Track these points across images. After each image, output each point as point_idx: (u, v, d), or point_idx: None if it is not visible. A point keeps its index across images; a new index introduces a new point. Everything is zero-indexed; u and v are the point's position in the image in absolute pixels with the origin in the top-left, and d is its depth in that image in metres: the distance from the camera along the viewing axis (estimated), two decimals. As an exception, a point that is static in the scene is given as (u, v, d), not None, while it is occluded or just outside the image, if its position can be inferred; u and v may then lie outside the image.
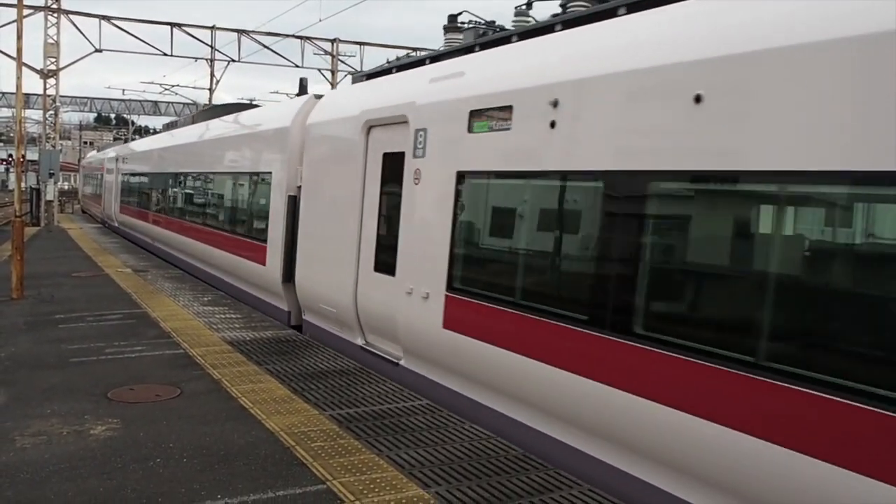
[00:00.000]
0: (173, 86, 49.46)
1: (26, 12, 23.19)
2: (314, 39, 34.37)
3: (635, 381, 4.90)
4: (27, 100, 39.85)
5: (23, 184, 22.41)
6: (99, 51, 30.75)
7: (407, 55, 10.20)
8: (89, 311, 10.83)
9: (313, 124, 10.62)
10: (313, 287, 10.14)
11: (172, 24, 31.70)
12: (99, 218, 36.29)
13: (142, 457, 5.25)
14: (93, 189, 41.32)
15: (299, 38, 33.71)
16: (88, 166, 47.93)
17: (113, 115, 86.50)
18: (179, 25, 31.91)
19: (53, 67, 29.87)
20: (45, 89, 30.16)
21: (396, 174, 8.07)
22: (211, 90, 39.68)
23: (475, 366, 6.68)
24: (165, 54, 32.11)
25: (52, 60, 29.74)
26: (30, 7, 27.19)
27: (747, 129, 4.39)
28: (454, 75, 7.66)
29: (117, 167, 29.72)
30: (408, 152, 7.86)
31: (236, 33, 33.58)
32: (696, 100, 4.67)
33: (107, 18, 30.68)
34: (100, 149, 55.77)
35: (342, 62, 35.19)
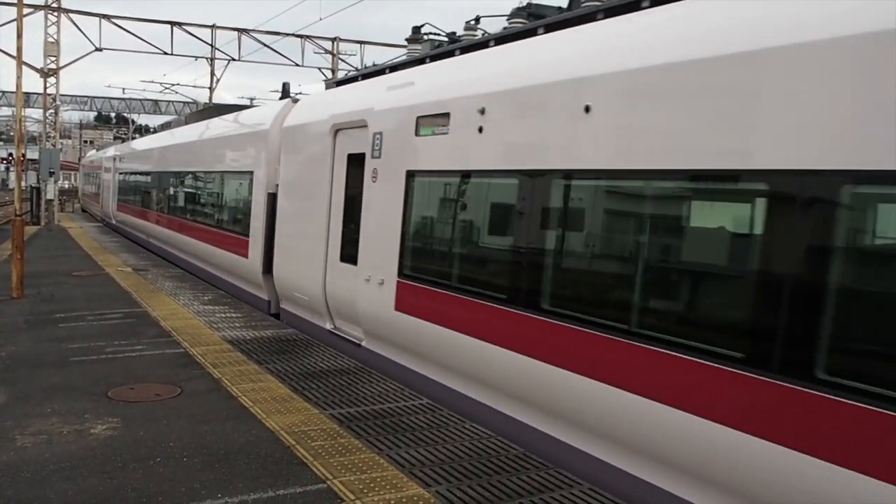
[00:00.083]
0: (173, 85, 49.51)
1: (26, 11, 23.16)
2: (314, 38, 34.35)
3: (544, 349, 5.73)
4: (27, 99, 39.89)
5: (23, 183, 22.39)
6: (99, 49, 30.76)
7: (374, 63, 10.96)
8: (90, 310, 10.84)
9: (289, 127, 11.42)
10: (289, 277, 10.96)
11: (172, 23, 31.69)
12: (99, 216, 36.47)
13: (142, 456, 5.26)
14: (92, 188, 41.56)
15: (299, 36, 33.67)
16: (88, 165, 48.29)
17: (113, 114, 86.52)
18: (179, 24, 31.89)
19: (53, 66, 29.86)
20: (45, 88, 30.16)
21: (358, 173, 8.91)
22: (211, 89, 39.68)
23: (419, 342, 7.52)
24: (166, 53, 32.09)
25: (53, 59, 29.74)
26: (30, 6, 27.18)
27: (625, 136, 5.22)
28: (406, 84, 8.54)
29: (115, 166, 30.27)
30: (367, 153, 8.69)
31: (236, 32, 33.55)
32: (586, 109, 5.46)
33: (107, 17, 30.69)
34: (99, 148, 56.06)
35: (342, 61, 35.18)
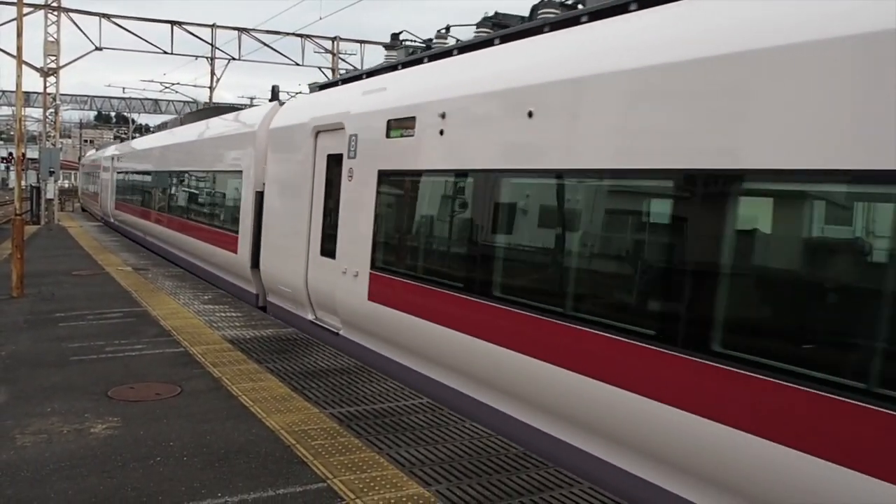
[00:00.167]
0: (174, 84, 49.66)
1: (26, 10, 23.15)
2: (314, 37, 34.34)
3: (495, 333, 6.25)
4: (27, 98, 39.86)
5: (23, 182, 22.40)
6: (99, 49, 30.77)
7: (355, 69, 11.31)
8: (90, 309, 10.84)
9: (275, 128, 12.05)
10: (274, 271, 11.53)
11: (172, 22, 31.69)
12: (98, 216, 36.56)
13: (142, 455, 5.26)
14: (92, 187, 41.74)
15: (300, 36, 33.66)
16: (87, 165, 48.39)
17: (113, 114, 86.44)
18: (180, 23, 31.89)
19: (53, 65, 29.86)
20: (45, 87, 30.16)
21: (337, 172, 9.49)
22: (211, 88, 39.71)
23: (388, 329, 8.09)
24: (166, 52, 32.10)
25: (53, 58, 29.74)
26: (30, 5, 27.18)
27: (560, 138, 5.76)
28: (379, 90, 9.10)
29: (113, 165, 30.61)
30: (344, 154, 9.25)
31: (237, 31, 33.57)
32: (529, 115, 5.99)
33: (107, 16, 30.69)
34: (99, 148, 56.21)
35: (343, 60, 35.16)
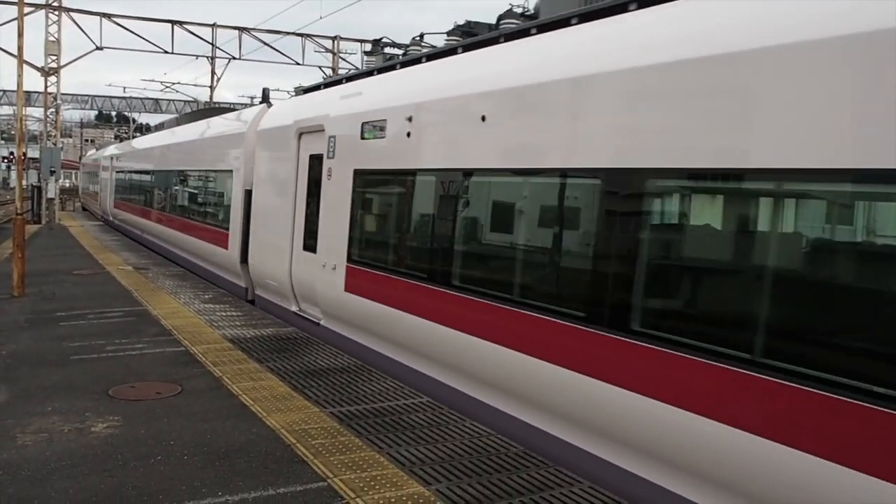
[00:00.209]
0: (174, 83, 49.76)
1: (27, 10, 23.18)
2: (315, 37, 34.32)
3: (454, 319, 6.83)
4: (28, 98, 39.85)
5: (24, 181, 22.46)
6: (100, 48, 30.77)
7: (335, 73, 11.88)
8: (90, 308, 10.85)
9: (262, 130, 12.61)
10: (262, 266, 12.11)
11: (173, 22, 31.68)
12: (98, 215, 36.65)
13: (143, 454, 5.26)
14: (92, 186, 41.91)
15: (300, 35, 33.63)
16: (88, 165, 48.54)
17: (114, 113, 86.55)
18: (180, 23, 31.88)
19: (54, 65, 29.85)
20: (45, 87, 30.14)
21: (317, 172, 10.03)
22: (212, 88, 39.75)
23: (362, 318, 8.69)
24: (166, 52, 32.11)
25: (53, 58, 29.72)
26: (31, 5, 27.17)
27: (508, 141, 6.41)
28: (355, 94, 9.69)
29: (112, 165, 30.95)
30: (324, 154, 9.79)
31: (237, 31, 33.56)
32: (483, 119, 6.60)
33: (107, 16, 30.68)
34: (99, 147, 56.37)
35: (343, 60, 35.15)
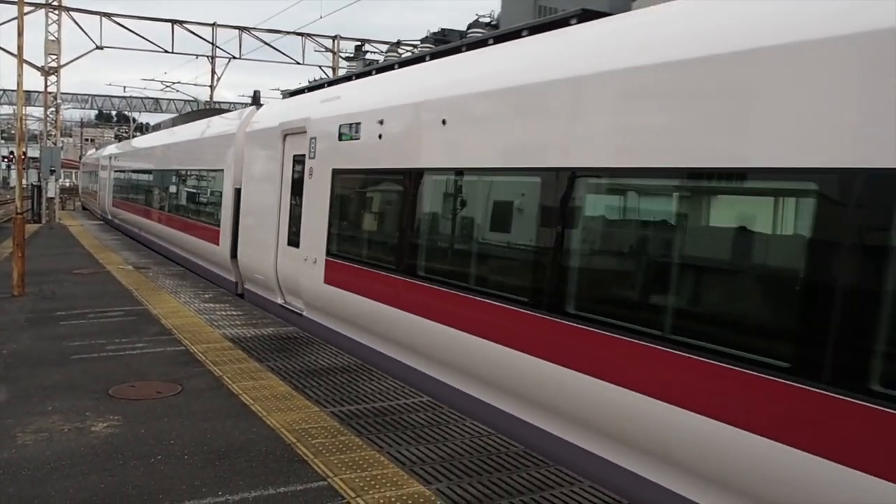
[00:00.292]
0: (174, 83, 49.67)
1: (27, 9, 23.15)
2: (315, 36, 34.29)
3: (420, 306, 7.35)
4: (28, 97, 39.84)
5: (24, 181, 22.46)
6: (100, 48, 30.76)
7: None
8: (91, 307, 10.85)
9: (251, 131, 13.21)
10: (250, 261, 12.67)
11: (173, 21, 31.67)
12: (98, 213, 36.75)
13: (143, 454, 5.26)
14: (92, 185, 42.14)
15: (300, 34, 33.61)
16: (87, 164, 48.76)
17: (114, 113, 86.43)
18: (180, 22, 31.88)
19: (54, 64, 29.85)
20: (46, 86, 30.13)
21: (300, 171, 10.66)
22: (212, 87, 39.71)
23: (339, 307, 9.27)
24: (166, 51, 32.11)
25: (53, 57, 29.72)
26: (31, 4, 27.16)
27: (465, 142, 7.06)
28: (334, 98, 10.30)
29: (111, 164, 31.38)
30: (306, 155, 10.38)
31: (237, 30, 33.55)
32: (443, 122, 7.25)
33: (108, 15, 30.68)
34: (99, 147, 56.58)
35: (343, 59, 35.11)
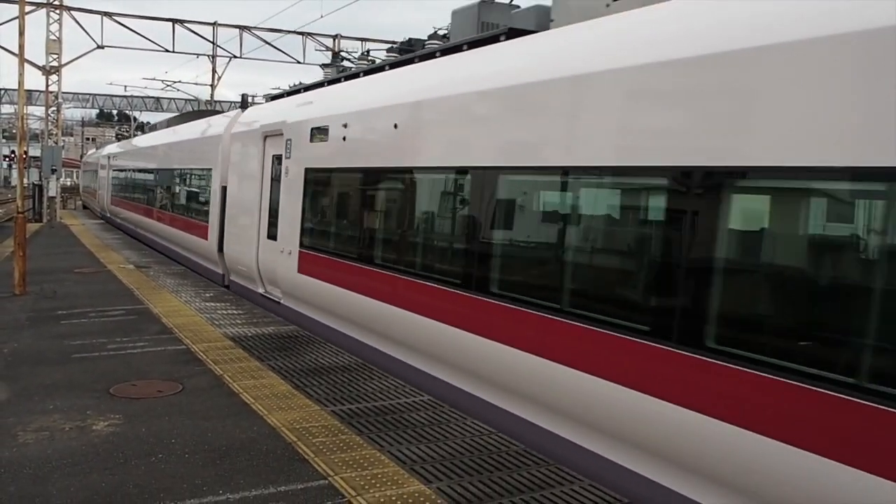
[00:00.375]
0: (175, 82, 49.67)
1: (28, 9, 23.12)
2: (316, 35, 34.27)
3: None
4: (29, 96, 39.89)
5: (25, 180, 22.44)
6: (101, 47, 30.77)
7: (300, 82, 13.73)
8: (91, 307, 10.86)
9: (236, 133, 14.12)
10: (235, 254, 13.59)
11: (174, 21, 31.67)
12: (97, 212, 36.85)
13: (144, 452, 5.27)
14: (92, 184, 42.40)
15: (301, 34, 33.60)
16: (88, 163, 49.08)
17: (115, 112, 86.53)
18: (181, 21, 31.87)
19: (55, 64, 29.84)
20: (47, 86, 30.14)
21: (278, 170, 11.49)
22: (213, 86, 39.71)
23: (311, 294, 10.08)
24: (167, 51, 32.11)
25: (54, 57, 29.72)
26: (32, 3, 27.16)
27: (414, 144, 7.77)
28: (307, 103, 11.18)
29: (109, 163, 32.06)
30: (283, 155, 11.21)
31: (238, 29, 33.53)
32: (395, 126, 7.97)
33: (108, 15, 30.68)
34: (99, 146, 56.86)
35: (344, 58, 35.05)
